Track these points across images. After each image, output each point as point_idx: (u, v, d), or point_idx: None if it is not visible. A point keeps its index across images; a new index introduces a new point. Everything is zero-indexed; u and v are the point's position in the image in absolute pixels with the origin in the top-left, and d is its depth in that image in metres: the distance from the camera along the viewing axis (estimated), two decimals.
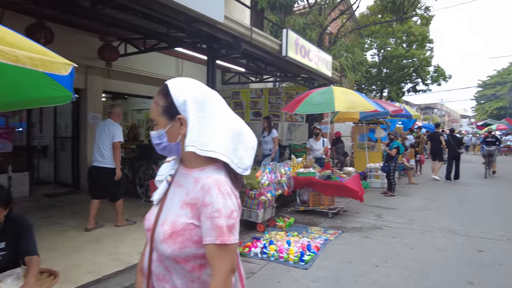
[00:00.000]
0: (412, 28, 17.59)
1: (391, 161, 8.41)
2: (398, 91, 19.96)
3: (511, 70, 40.60)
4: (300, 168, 6.53)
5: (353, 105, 5.60)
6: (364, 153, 10.58)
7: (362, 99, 5.84)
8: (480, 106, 50.36)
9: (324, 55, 8.12)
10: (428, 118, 48.73)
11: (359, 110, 5.73)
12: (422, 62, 17.82)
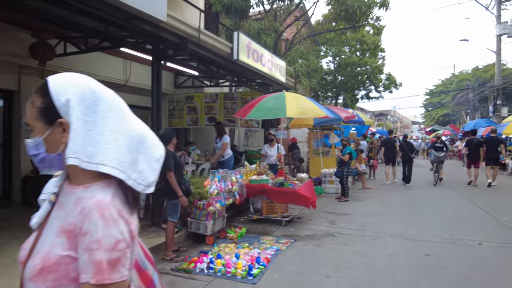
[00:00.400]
0: (365, 37, 18.30)
1: (344, 166, 8.48)
2: (353, 98, 20.63)
3: (453, 80, 43.72)
4: (253, 175, 6.32)
5: (305, 111, 5.51)
6: (319, 158, 10.65)
7: (314, 105, 5.78)
8: (428, 113, 53.83)
9: (278, 60, 8.04)
10: (382, 124, 51.19)
11: (311, 116, 5.65)
12: (375, 70, 18.59)
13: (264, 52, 7.22)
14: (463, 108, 38.16)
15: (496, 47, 23.52)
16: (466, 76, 39.87)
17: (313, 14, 13.45)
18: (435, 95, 49.02)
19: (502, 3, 23.17)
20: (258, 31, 10.98)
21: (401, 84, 20.00)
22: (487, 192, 9.93)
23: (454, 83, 41.73)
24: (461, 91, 36.26)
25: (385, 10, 12.04)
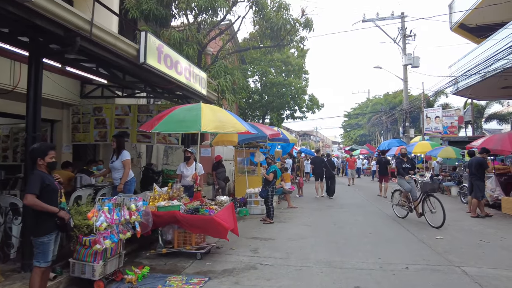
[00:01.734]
0: (290, 58, 18.71)
1: (268, 186, 7.96)
2: (279, 118, 20.79)
3: (368, 104, 47.98)
4: (163, 200, 5.35)
5: (223, 125, 4.80)
6: (245, 178, 10.03)
7: (234, 119, 5.12)
8: (346, 133, 57.93)
9: (198, 71, 7.31)
10: (306, 144, 53.53)
11: (230, 131, 4.96)
12: (299, 91, 19.02)
13: (180, 59, 6.42)
14: (377, 129, 41.79)
15: (403, 75, 26.13)
16: (379, 100, 43.96)
17: (239, 30, 13.04)
18: (353, 117, 53.14)
19: (406, 37, 25.97)
20: (180, 41, 10.17)
21: (323, 105, 20.84)
22: None
23: (370, 106, 45.64)
24: (376, 114, 39.65)
25: (309, 31, 12.24)
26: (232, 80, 10.78)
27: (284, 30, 11.47)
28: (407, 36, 25.81)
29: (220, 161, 10.60)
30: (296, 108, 20.49)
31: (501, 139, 9.84)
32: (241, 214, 8.99)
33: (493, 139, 10.25)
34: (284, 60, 18.73)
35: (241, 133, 5.58)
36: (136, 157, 11.45)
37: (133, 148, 11.33)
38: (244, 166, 10.27)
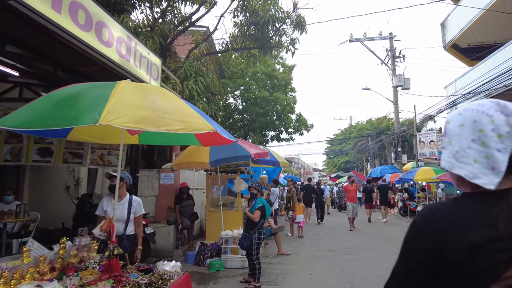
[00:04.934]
0: (276, 72, 16.60)
1: (253, 230, 5.27)
2: (262, 139, 18.33)
3: (352, 130, 46.60)
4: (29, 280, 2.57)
5: (157, 117, 2.09)
6: (219, 213, 7.30)
7: (188, 111, 2.47)
8: (330, 160, 56.17)
9: (145, 51, 4.75)
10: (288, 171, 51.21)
11: (173, 129, 2.29)
12: (286, 108, 16.75)
13: (109, 21, 3.86)
14: (363, 155, 40.04)
15: (393, 97, 24.56)
16: (365, 126, 42.63)
17: (216, 29, 10.79)
18: (336, 142, 51.56)
19: (395, 58, 24.68)
20: (136, 30, 7.70)
21: (312, 126, 18.63)
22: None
23: (354, 131, 44.18)
24: (362, 139, 38.02)
25: (300, 32, 10.07)
26: (205, 84, 8.29)
27: (272, 25, 9.23)
28: (396, 57, 24.54)
29: (186, 191, 7.85)
30: (282, 129, 18.15)
31: None
32: (212, 270, 6.20)
33: None
34: (268, 74, 16.55)
35: (200, 132, 2.93)
36: (72, 184, 8.57)
37: (69, 172, 8.48)
38: (219, 197, 7.56)
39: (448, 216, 0.87)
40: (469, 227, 0.82)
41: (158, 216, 7.94)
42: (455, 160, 0.93)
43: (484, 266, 0.76)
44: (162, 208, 7.90)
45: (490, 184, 0.84)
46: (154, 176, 8.06)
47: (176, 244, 7.93)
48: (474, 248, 0.78)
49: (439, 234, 0.84)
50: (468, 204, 0.88)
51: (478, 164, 0.87)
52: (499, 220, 0.79)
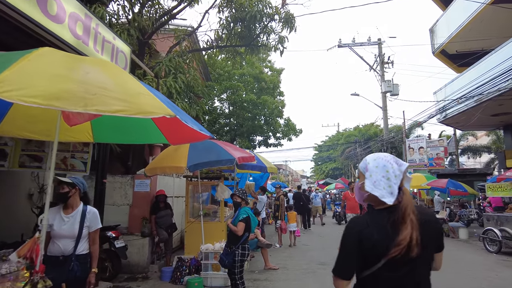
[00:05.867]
0: (263, 74, 16.03)
1: (236, 244, 4.56)
2: (250, 145, 17.66)
3: (340, 137, 46.43)
4: None
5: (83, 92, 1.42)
6: (199, 225, 6.55)
7: (139, 89, 1.80)
8: (318, 167, 55.86)
9: (110, 35, 4.04)
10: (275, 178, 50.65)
11: (109, 110, 1.62)
12: (274, 111, 16.14)
13: None
14: (351, 162, 39.81)
15: (382, 103, 24.31)
16: (353, 132, 42.51)
17: (200, 26, 10.17)
18: (324, 149, 51.31)
19: (384, 64, 24.51)
20: (110, 22, 6.98)
21: (301, 131, 18.05)
22: None
23: (342, 138, 44.01)
24: (350, 145, 37.79)
25: (290, 31, 9.52)
26: (186, 81, 7.60)
27: (259, 21, 8.65)
28: (385, 62, 24.36)
29: (163, 199, 7.08)
30: (270, 134, 17.52)
31: None
32: None
33: None
34: (256, 76, 15.95)
35: (176, 139, 2.26)
36: (36, 192, 7.69)
37: (33, 179, 7.60)
38: (200, 206, 6.81)
39: (365, 221, 1.58)
40: (372, 228, 1.53)
41: (132, 228, 7.14)
42: (374, 187, 1.58)
43: (379, 248, 1.47)
44: (136, 218, 7.12)
45: (389, 201, 1.53)
46: (127, 182, 7.28)
47: (152, 258, 7.13)
48: (375, 239, 1.48)
49: (360, 231, 1.54)
50: (376, 214, 1.59)
51: (385, 190, 1.55)
52: (389, 222, 1.50)
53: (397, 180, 1.55)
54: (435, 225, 1.61)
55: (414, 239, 1.42)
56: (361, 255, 1.51)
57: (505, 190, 9.25)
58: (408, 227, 1.45)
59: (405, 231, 1.44)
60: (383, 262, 1.47)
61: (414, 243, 1.42)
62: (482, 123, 15.66)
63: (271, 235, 11.11)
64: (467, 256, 8.66)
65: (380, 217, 1.54)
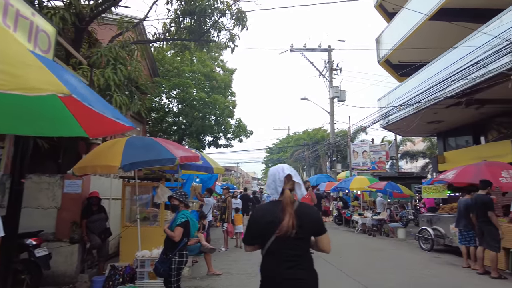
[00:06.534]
0: (215, 73, 15.65)
1: (173, 251, 4.19)
2: (199, 145, 17.14)
3: (290, 140, 47.35)
4: None
5: None
6: (136, 229, 6.02)
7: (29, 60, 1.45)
8: (268, 169, 56.50)
9: (30, 11, 3.46)
10: (227, 179, 50.30)
11: None
12: (225, 111, 15.82)
13: None
14: (299, 164, 40.73)
15: (330, 108, 25.12)
16: (302, 136, 43.55)
17: (147, 17, 9.52)
18: (274, 152, 52.00)
19: (333, 70, 25.37)
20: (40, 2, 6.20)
21: (251, 133, 17.94)
22: None
23: (292, 142, 44.90)
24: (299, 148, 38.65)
25: (241, 28, 9.29)
26: (127, 73, 7.02)
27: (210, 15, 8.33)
28: (334, 69, 25.22)
29: (96, 202, 6.43)
30: (220, 134, 17.15)
31: (479, 171, 7.82)
32: None
33: (468, 171, 8.21)
34: (207, 74, 15.51)
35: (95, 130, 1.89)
36: None
37: None
38: (137, 209, 6.27)
39: (262, 209, 2.32)
40: (265, 213, 2.17)
41: (60, 233, 6.39)
42: (267, 187, 2.33)
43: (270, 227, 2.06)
44: (65, 222, 6.38)
45: (275, 197, 2.21)
46: (56, 183, 6.51)
47: (82, 267, 6.43)
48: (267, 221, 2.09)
49: (259, 215, 2.21)
50: (269, 204, 2.24)
51: (274, 190, 2.21)
52: (278, 210, 2.08)
53: (281, 183, 2.20)
54: (312, 216, 2.20)
55: (291, 225, 2.03)
56: (259, 232, 2.18)
57: (438, 192, 9.88)
58: (286, 216, 2.06)
59: (286, 218, 2.05)
60: (273, 238, 2.09)
61: (291, 226, 2.03)
62: (419, 130, 16.79)
63: (218, 239, 10.78)
64: (405, 255, 9.09)
65: (272, 206, 2.18)
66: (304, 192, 2.26)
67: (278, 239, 2.07)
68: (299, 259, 2.12)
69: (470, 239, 7.22)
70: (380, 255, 8.80)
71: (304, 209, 2.16)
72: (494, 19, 8.89)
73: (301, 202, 2.20)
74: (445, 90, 10.84)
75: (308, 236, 2.16)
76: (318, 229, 2.20)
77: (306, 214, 2.15)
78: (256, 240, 2.22)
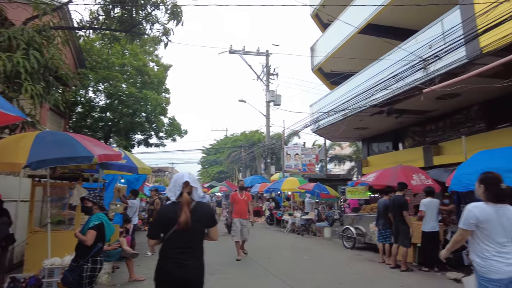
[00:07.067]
0: (148, 68, 14.87)
1: (85, 257, 3.79)
2: (127, 144, 16.13)
3: (227, 141, 47.31)
4: None
5: None
6: (46, 234, 5.36)
7: None
8: (204, 170, 55.70)
9: None
10: (160, 180, 48.39)
11: None
12: (158, 108, 15.10)
13: None
14: (236, 165, 40.91)
15: (266, 111, 25.63)
16: (239, 137, 43.81)
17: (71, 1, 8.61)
18: (211, 152, 51.50)
19: (270, 75, 25.94)
20: None
21: (186, 132, 17.39)
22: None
23: (229, 143, 44.92)
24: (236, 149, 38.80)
25: (176, 23, 8.93)
26: (43, 61, 6.26)
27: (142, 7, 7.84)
28: (271, 73, 25.79)
29: None
30: (151, 133, 16.34)
31: (395, 174, 8.56)
32: None
33: (386, 174, 8.93)
34: (139, 69, 14.65)
35: None
36: None
37: None
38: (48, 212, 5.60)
39: (165, 208, 2.94)
40: (168, 211, 2.71)
41: None
42: (169, 190, 2.82)
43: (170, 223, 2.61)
44: None
45: (173, 199, 2.72)
46: None
47: None
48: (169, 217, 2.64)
49: (163, 213, 2.79)
50: (171, 205, 2.74)
51: (173, 193, 2.71)
52: (177, 209, 2.61)
53: (180, 188, 2.70)
54: (206, 212, 2.80)
55: (187, 221, 2.56)
56: (162, 226, 2.66)
57: (360, 193, 10.61)
58: (183, 214, 2.57)
59: (183, 216, 2.57)
60: (172, 230, 2.59)
61: (187, 222, 2.56)
62: (347, 135, 17.92)
63: (144, 242, 10.18)
64: (330, 253, 9.55)
65: (173, 206, 2.68)
66: (201, 194, 2.86)
67: (176, 231, 2.59)
68: (190, 249, 2.65)
69: (387, 237, 7.84)
70: (307, 255, 9.12)
71: (200, 207, 2.74)
72: (411, 38, 9.82)
73: (198, 202, 2.76)
74: (369, 99, 11.69)
75: (202, 229, 2.74)
76: (210, 223, 2.80)
77: (201, 211, 2.73)
78: (159, 234, 2.69)
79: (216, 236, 2.85)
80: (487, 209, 2.76)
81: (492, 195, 2.80)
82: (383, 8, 10.42)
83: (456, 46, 7.84)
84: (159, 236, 2.67)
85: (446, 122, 12.24)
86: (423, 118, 12.80)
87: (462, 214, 2.91)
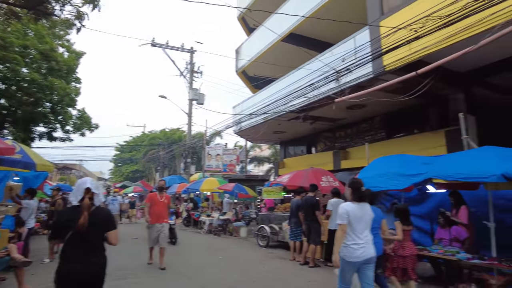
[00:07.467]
0: (56, 53, 13.30)
1: None
2: (27, 136, 14.20)
3: (144, 138, 44.92)
4: None
5: None
6: None
7: None
8: (117, 168, 52.00)
9: None
10: (66, 178, 43.70)
11: None
12: (65, 99, 13.59)
13: None
14: (153, 164, 39.09)
15: (188, 109, 25.13)
16: (158, 135, 41.96)
17: None
18: (126, 150, 48.30)
19: (194, 73, 25.51)
20: None
21: (97, 127, 15.97)
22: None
23: (146, 140, 42.74)
24: (154, 147, 37.12)
25: (92, 8, 8.19)
26: None
27: None
28: (195, 71, 25.38)
29: None
30: (57, 125, 14.63)
31: (307, 176, 9.17)
32: None
33: (298, 175, 9.50)
34: (46, 53, 13.01)
35: None
36: None
37: None
38: None
39: (66, 211, 3.43)
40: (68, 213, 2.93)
41: None
42: (72, 195, 2.99)
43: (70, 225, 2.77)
44: None
45: (74, 203, 2.91)
46: None
47: None
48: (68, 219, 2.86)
49: (63, 215, 3.06)
50: (71, 208, 2.91)
51: (75, 198, 2.94)
52: (77, 212, 2.80)
53: (81, 193, 2.90)
54: (104, 216, 2.97)
55: (85, 223, 2.74)
56: (62, 227, 2.82)
57: (276, 193, 11.10)
58: (82, 217, 2.75)
59: (81, 219, 2.74)
60: (72, 232, 2.75)
61: (85, 225, 2.74)
62: (266, 138, 18.59)
63: (42, 248, 9.07)
64: (244, 252, 9.76)
65: (73, 209, 2.86)
66: (102, 199, 3.15)
67: (76, 232, 2.77)
68: (90, 249, 2.84)
69: (298, 235, 8.34)
70: (221, 255, 9.17)
71: (99, 212, 2.94)
72: (328, 50, 10.65)
73: (98, 206, 2.95)
74: (288, 104, 12.32)
75: (100, 232, 2.92)
76: (108, 227, 2.95)
77: (99, 215, 2.92)
78: (59, 234, 2.88)
79: (115, 240, 2.96)
80: (354, 206, 3.75)
81: (356, 196, 3.80)
82: (304, 19, 11.09)
83: (365, 61, 8.76)
84: (60, 236, 2.85)
85: (353, 130, 13.57)
86: (334, 125, 13.97)
87: (337, 212, 3.86)
